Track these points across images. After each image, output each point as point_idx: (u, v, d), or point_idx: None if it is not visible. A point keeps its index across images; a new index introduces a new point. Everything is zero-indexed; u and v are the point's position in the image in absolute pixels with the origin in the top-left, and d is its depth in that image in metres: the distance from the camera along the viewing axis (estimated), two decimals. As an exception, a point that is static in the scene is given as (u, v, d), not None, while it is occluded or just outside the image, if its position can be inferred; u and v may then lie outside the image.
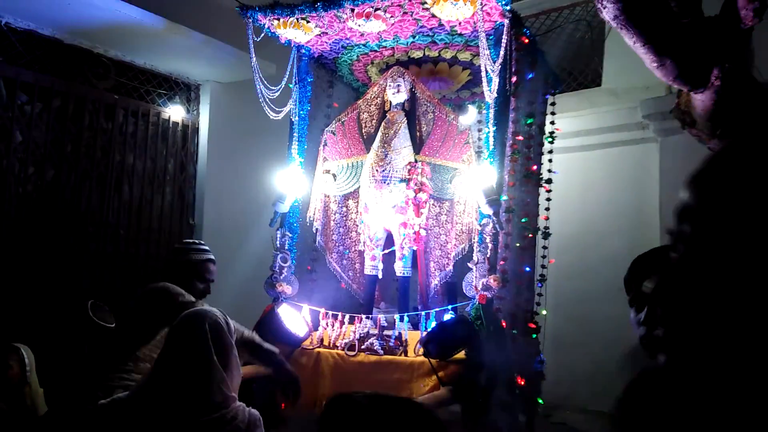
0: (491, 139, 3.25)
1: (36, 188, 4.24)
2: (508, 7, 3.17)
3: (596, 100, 5.26)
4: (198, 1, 4.87)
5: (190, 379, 1.65)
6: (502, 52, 3.13)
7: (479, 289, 3.10)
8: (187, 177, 5.26)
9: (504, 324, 3.14)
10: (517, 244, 3.45)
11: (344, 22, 3.39)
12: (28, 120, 4.21)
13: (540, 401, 3.63)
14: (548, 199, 3.75)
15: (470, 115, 4.41)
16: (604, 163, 5.19)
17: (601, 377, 4.98)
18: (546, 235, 3.78)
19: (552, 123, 3.93)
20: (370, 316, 3.47)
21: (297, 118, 3.74)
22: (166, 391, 1.64)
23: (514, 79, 3.31)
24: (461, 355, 3.02)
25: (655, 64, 2.68)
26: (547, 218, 3.78)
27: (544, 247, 3.80)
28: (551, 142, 3.91)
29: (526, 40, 3.39)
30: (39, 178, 4.26)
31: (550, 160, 3.82)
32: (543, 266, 3.80)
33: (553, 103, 3.97)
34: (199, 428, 1.60)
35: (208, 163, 5.26)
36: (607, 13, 2.63)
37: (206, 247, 3.34)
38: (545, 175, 3.74)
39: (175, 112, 5.16)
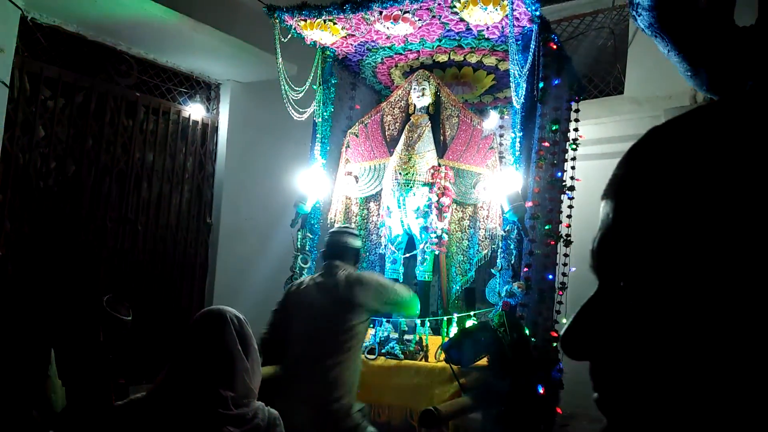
0: (517, 145, 3.23)
1: (57, 183, 4.25)
2: (537, 13, 3.15)
3: (618, 108, 5.22)
4: (221, 0, 4.89)
5: (214, 369, 1.63)
6: (530, 58, 3.11)
7: (503, 295, 3.07)
8: (206, 175, 5.26)
9: (527, 331, 3.11)
10: (538, 251, 3.42)
11: (371, 24, 3.38)
12: (51, 115, 4.22)
13: (559, 410, 3.59)
14: (570, 207, 3.72)
15: (492, 120, 4.38)
16: (625, 172, 5.13)
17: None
18: (567, 243, 3.74)
19: (576, 130, 3.90)
20: (390, 320, 3.45)
21: (321, 119, 3.73)
22: (187, 385, 1.61)
23: (541, 85, 3.29)
24: (483, 362, 2.99)
25: (689, 74, 2.65)
26: (569, 225, 3.74)
27: (566, 255, 3.77)
28: (574, 149, 3.87)
29: (554, 46, 3.37)
30: (60, 173, 4.27)
31: (573, 167, 3.79)
32: (564, 274, 3.76)
33: (576, 110, 3.94)
34: (220, 421, 1.57)
35: (227, 162, 5.26)
36: (641, 21, 2.61)
37: None
38: (568, 183, 3.71)
39: (195, 111, 5.17)
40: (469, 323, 3.28)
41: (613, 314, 0.42)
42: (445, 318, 3.40)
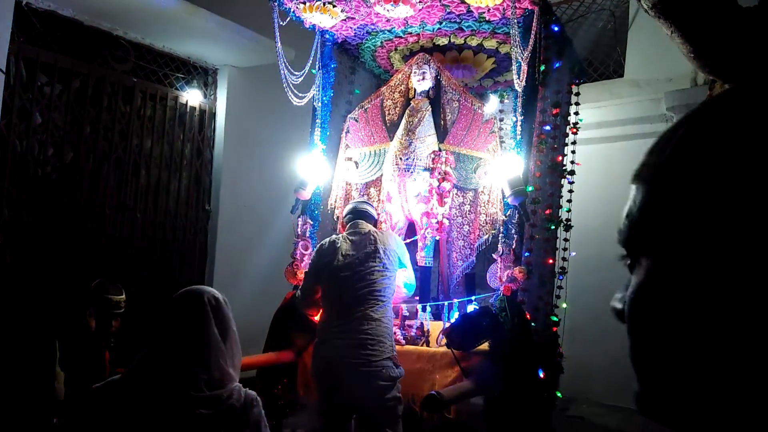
0: (518, 129, 3.21)
1: (55, 170, 4.22)
2: (538, -6, 3.12)
3: (618, 91, 5.19)
4: (218, -17, 4.83)
5: (188, 350, 1.61)
6: (531, 40, 3.08)
7: (504, 280, 3.07)
8: (204, 162, 5.24)
9: (528, 316, 3.12)
10: (537, 236, 3.42)
11: (371, 6, 3.34)
12: (48, 101, 4.18)
13: (558, 395, 3.61)
14: (570, 191, 3.71)
15: (492, 105, 4.35)
16: (626, 155, 5.10)
17: (617, 372, 4.96)
18: (568, 228, 3.74)
19: (576, 114, 3.87)
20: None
21: (320, 104, 3.70)
22: (161, 367, 1.60)
23: (542, 68, 3.26)
24: (485, 346, 3.00)
25: (692, 55, 2.62)
26: (569, 210, 3.73)
27: (566, 240, 3.76)
28: (575, 133, 3.85)
29: (556, 28, 3.34)
30: (58, 160, 4.24)
31: (573, 152, 3.77)
32: (564, 259, 3.76)
33: (577, 93, 3.91)
34: (192, 404, 1.56)
35: (225, 148, 5.23)
36: (645, 2, 2.59)
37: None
38: (568, 167, 3.70)
39: (192, 97, 5.13)
40: (470, 308, 3.28)
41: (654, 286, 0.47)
42: (446, 303, 3.40)
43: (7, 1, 3.77)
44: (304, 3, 3.37)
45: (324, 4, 3.35)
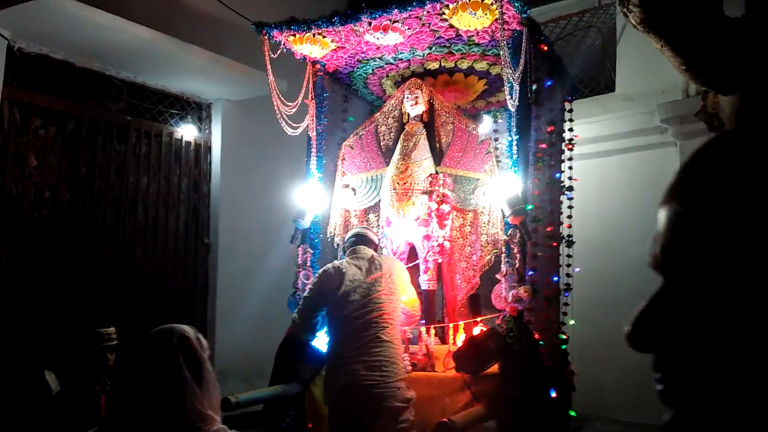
0: (514, 148, 3.21)
1: (52, 212, 4.21)
2: (525, 15, 3.15)
3: (610, 106, 5.22)
4: (208, 20, 4.88)
5: (161, 397, 1.55)
6: (522, 61, 3.10)
7: (509, 301, 3.04)
8: (201, 196, 5.23)
9: (537, 336, 3.08)
10: (539, 254, 3.40)
11: (361, 35, 3.37)
12: (43, 144, 4.18)
13: (572, 413, 3.55)
14: (570, 207, 3.70)
15: (486, 125, 4.37)
16: (622, 169, 5.14)
17: (628, 387, 4.91)
18: (570, 244, 3.72)
19: (570, 130, 3.89)
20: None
21: (315, 133, 3.71)
22: (137, 416, 1.55)
23: (534, 86, 3.28)
24: (494, 369, 2.96)
25: (683, 68, 2.64)
26: (569, 226, 3.72)
27: (569, 256, 3.74)
28: (571, 149, 3.86)
29: (545, 48, 3.37)
30: (55, 201, 4.22)
31: (570, 168, 3.77)
32: (568, 275, 3.74)
33: (570, 110, 3.93)
34: None
35: (222, 181, 5.23)
36: (633, 17, 2.60)
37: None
38: (566, 183, 3.70)
39: (187, 132, 5.14)
40: (476, 330, 3.25)
41: (680, 309, 0.46)
42: (451, 326, 3.37)
43: (0, 46, 3.80)
44: (294, 35, 3.40)
45: (314, 35, 3.38)
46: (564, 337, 3.41)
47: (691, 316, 0.45)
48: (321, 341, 3.37)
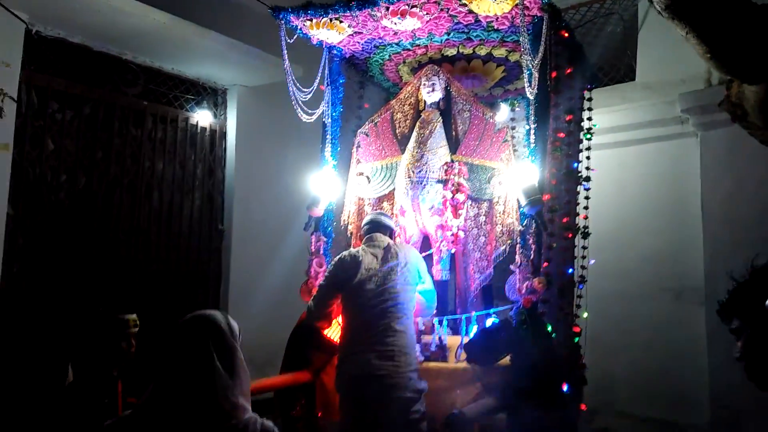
0: (531, 137, 3.16)
1: (68, 196, 4.24)
2: (546, 1, 3.08)
3: (630, 95, 5.12)
4: (225, 4, 4.86)
5: (194, 387, 1.57)
6: (542, 48, 3.04)
7: (523, 292, 3.01)
8: (216, 182, 5.24)
9: (550, 328, 3.04)
10: (554, 245, 3.35)
11: (378, 20, 3.32)
12: (60, 128, 4.21)
13: (583, 407, 3.52)
14: (587, 198, 3.64)
15: (503, 113, 4.31)
16: (641, 160, 5.05)
17: (641, 380, 4.86)
18: (585, 235, 3.67)
19: (589, 119, 3.82)
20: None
21: (330, 120, 3.68)
22: (170, 403, 1.57)
23: (554, 74, 3.22)
24: (506, 361, 2.93)
25: (708, 55, 2.57)
26: (586, 217, 3.67)
27: (584, 248, 3.69)
28: (589, 139, 3.79)
29: (566, 34, 3.30)
30: (71, 185, 4.25)
31: (588, 158, 3.71)
32: (583, 267, 3.69)
33: (589, 99, 3.85)
34: None
35: (236, 167, 5.23)
36: (658, 3, 2.53)
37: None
38: (583, 173, 3.63)
39: (202, 117, 5.14)
40: (489, 321, 3.22)
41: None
42: (463, 317, 3.34)
43: (18, 30, 3.81)
44: (311, 20, 3.36)
45: (330, 20, 3.34)
46: (576, 330, 3.36)
47: None
48: (333, 330, 3.36)
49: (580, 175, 3.60)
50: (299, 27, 3.44)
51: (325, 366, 3.29)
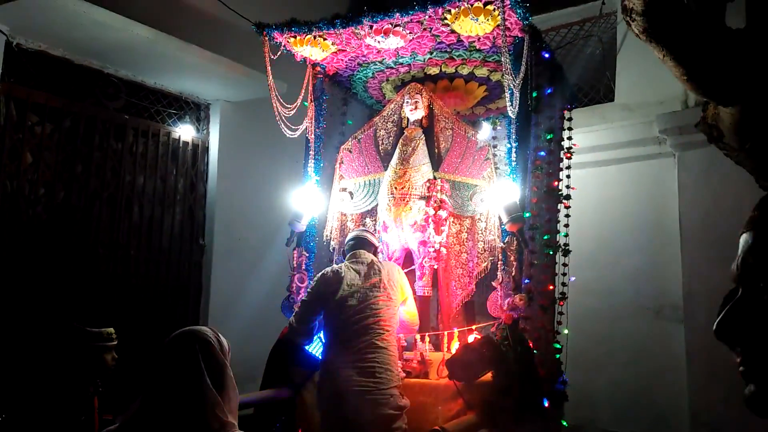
0: (513, 155, 3.20)
1: (46, 210, 4.17)
2: (527, 22, 3.14)
3: (609, 116, 5.21)
4: (208, 20, 4.86)
5: (182, 403, 1.55)
6: (523, 67, 3.09)
7: (505, 308, 3.02)
8: (197, 196, 5.20)
9: (531, 344, 3.06)
10: (535, 262, 3.38)
11: (362, 38, 3.36)
12: (39, 141, 4.15)
13: (564, 423, 3.53)
14: (567, 216, 3.69)
15: (484, 132, 4.36)
16: (620, 179, 5.13)
17: (621, 397, 4.89)
18: (566, 252, 3.70)
19: (569, 138, 3.88)
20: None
21: (313, 136, 3.69)
22: (158, 419, 1.55)
23: (535, 94, 3.27)
24: (488, 377, 2.94)
25: (685, 78, 2.63)
26: (567, 235, 3.71)
27: (564, 265, 3.73)
28: (569, 158, 3.85)
29: (546, 55, 3.36)
30: (49, 199, 4.19)
31: (568, 176, 3.76)
32: (564, 284, 3.72)
33: (570, 119, 3.92)
34: None
35: (219, 182, 5.20)
36: (635, 26, 2.60)
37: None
38: (564, 191, 3.68)
39: (185, 132, 5.12)
40: (471, 338, 3.22)
41: (754, 310, 0.64)
42: (445, 333, 3.34)
43: (-2, 42, 3.78)
44: (295, 37, 3.38)
45: (314, 37, 3.37)
46: (558, 346, 3.39)
47: (761, 315, 0.63)
48: (315, 346, 3.34)
49: (560, 193, 3.65)
50: (283, 43, 3.46)
51: (305, 382, 3.26)
